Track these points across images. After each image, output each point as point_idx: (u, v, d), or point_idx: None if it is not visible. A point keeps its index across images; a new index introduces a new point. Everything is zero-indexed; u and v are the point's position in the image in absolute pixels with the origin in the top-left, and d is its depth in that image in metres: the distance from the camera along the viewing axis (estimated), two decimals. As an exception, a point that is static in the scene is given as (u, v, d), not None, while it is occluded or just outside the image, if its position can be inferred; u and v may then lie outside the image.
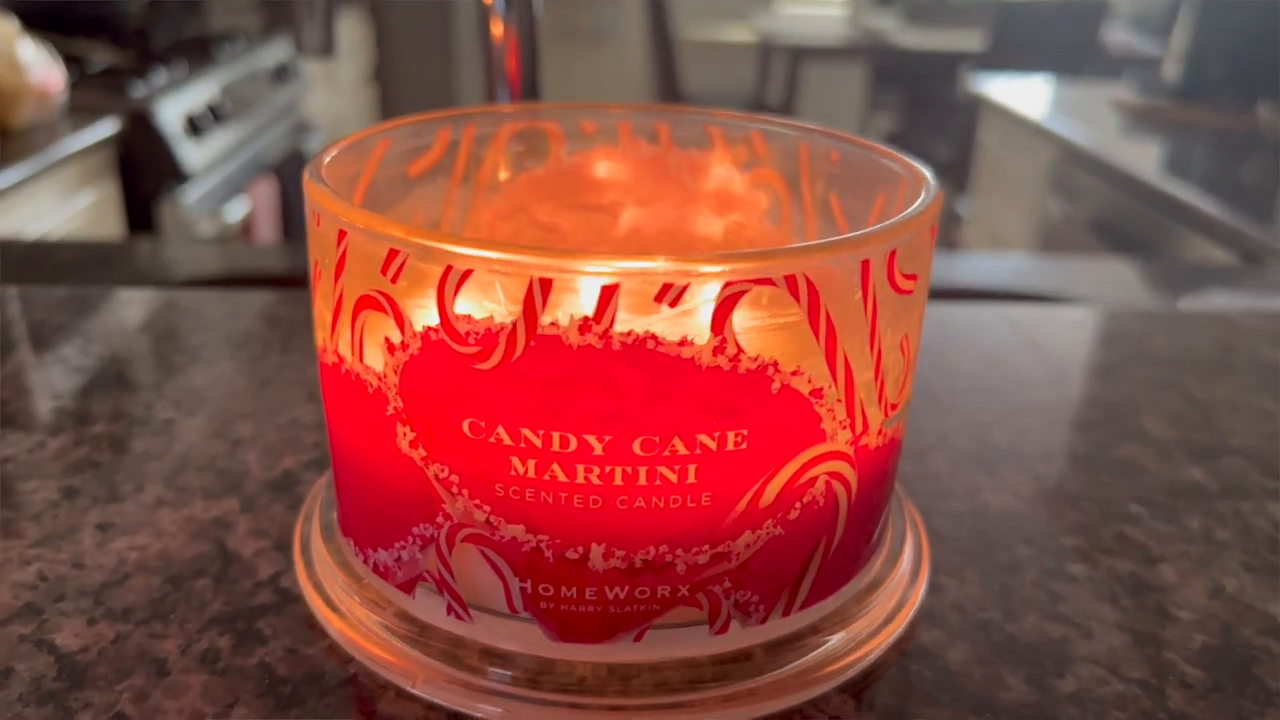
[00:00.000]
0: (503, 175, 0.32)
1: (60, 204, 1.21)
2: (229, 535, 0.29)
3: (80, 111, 1.29)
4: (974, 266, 0.81)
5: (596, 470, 0.21)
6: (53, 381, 0.37)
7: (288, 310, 0.44)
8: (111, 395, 0.36)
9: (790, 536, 0.23)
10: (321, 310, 0.24)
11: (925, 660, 0.26)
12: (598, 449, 0.21)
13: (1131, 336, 0.45)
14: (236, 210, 1.52)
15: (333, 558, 0.27)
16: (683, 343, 0.20)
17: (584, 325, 0.20)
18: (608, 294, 0.20)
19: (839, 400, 0.22)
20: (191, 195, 1.41)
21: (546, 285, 0.20)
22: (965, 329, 0.45)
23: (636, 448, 0.21)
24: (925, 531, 0.30)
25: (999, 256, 1.28)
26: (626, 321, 0.20)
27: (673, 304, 0.20)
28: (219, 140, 1.51)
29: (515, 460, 0.21)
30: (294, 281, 0.79)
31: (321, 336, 0.24)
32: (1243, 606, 0.28)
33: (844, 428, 0.23)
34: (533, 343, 0.20)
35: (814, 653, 0.24)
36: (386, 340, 0.22)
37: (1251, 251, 1.17)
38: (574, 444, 0.21)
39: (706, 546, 0.22)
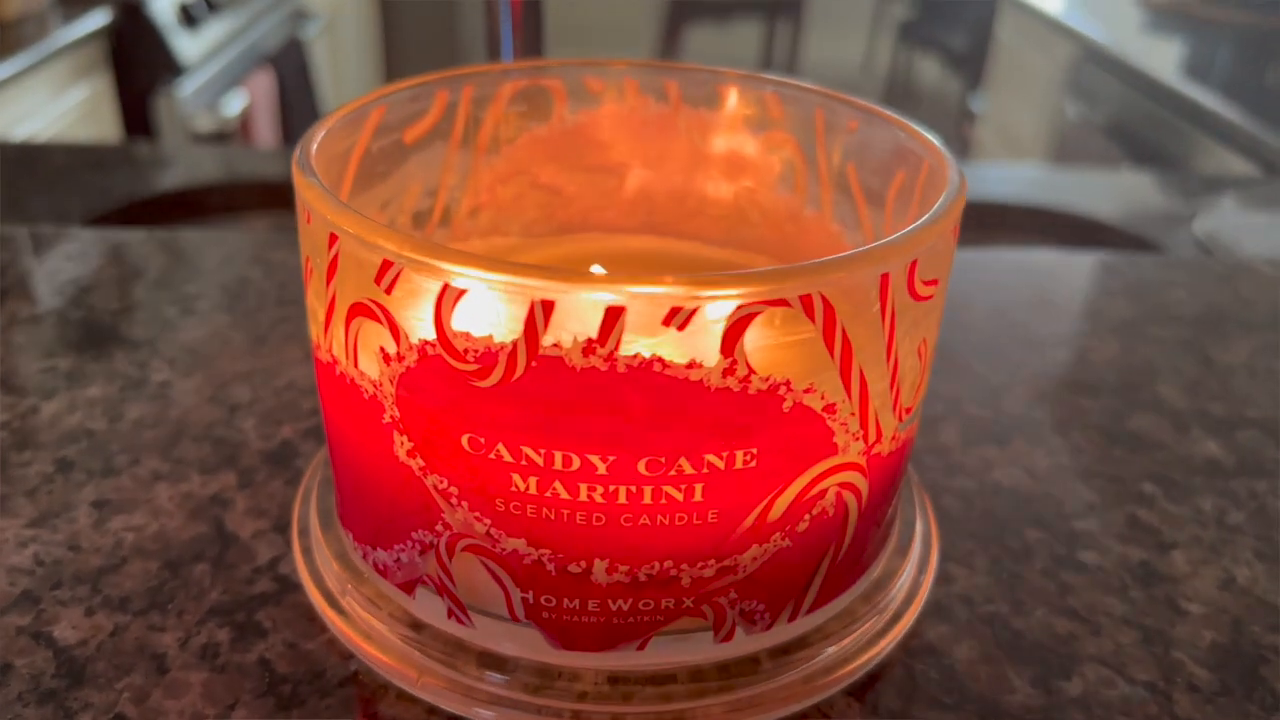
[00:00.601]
0: (504, 136, 0.31)
1: (52, 100, 1.18)
2: (227, 514, 0.28)
3: (70, 1, 1.25)
4: (987, 176, 0.79)
5: (600, 489, 0.21)
6: (45, 336, 0.36)
7: (281, 255, 0.42)
8: (105, 353, 0.35)
9: (798, 547, 0.23)
10: (315, 307, 0.23)
11: (931, 659, 0.25)
12: (601, 468, 0.20)
13: (1149, 289, 0.43)
14: (234, 104, 1.48)
15: (331, 549, 0.26)
16: (691, 365, 0.19)
17: (588, 347, 0.19)
18: (613, 317, 0.19)
19: (853, 413, 0.21)
20: (187, 89, 1.38)
21: (548, 307, 0.19)
22: (978, 277, 0.44)
23: (641, 468, 0.20)
24: (934, 514, 0.29)
25: (1012, 166, 1.25)
26: (632, 343, 0.19)
27: (681, 327, 0.19)
28: (214, 30, 1.46)
29: (516, 477, 0.21)
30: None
31: (315, 333, 0.23)
32: (1253, 599, 0.27)
33: (856, 439, 0.22)
34: (534, 363, 0.19)
35: (821, 657, 0.24)
36: (382, 350, 0.21)
37: (1272, 162, 1.14)
38: (577, 463, 0.20)
39: (712, 561, 0.22)
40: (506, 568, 0.22)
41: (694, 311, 0.19)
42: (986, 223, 0.79)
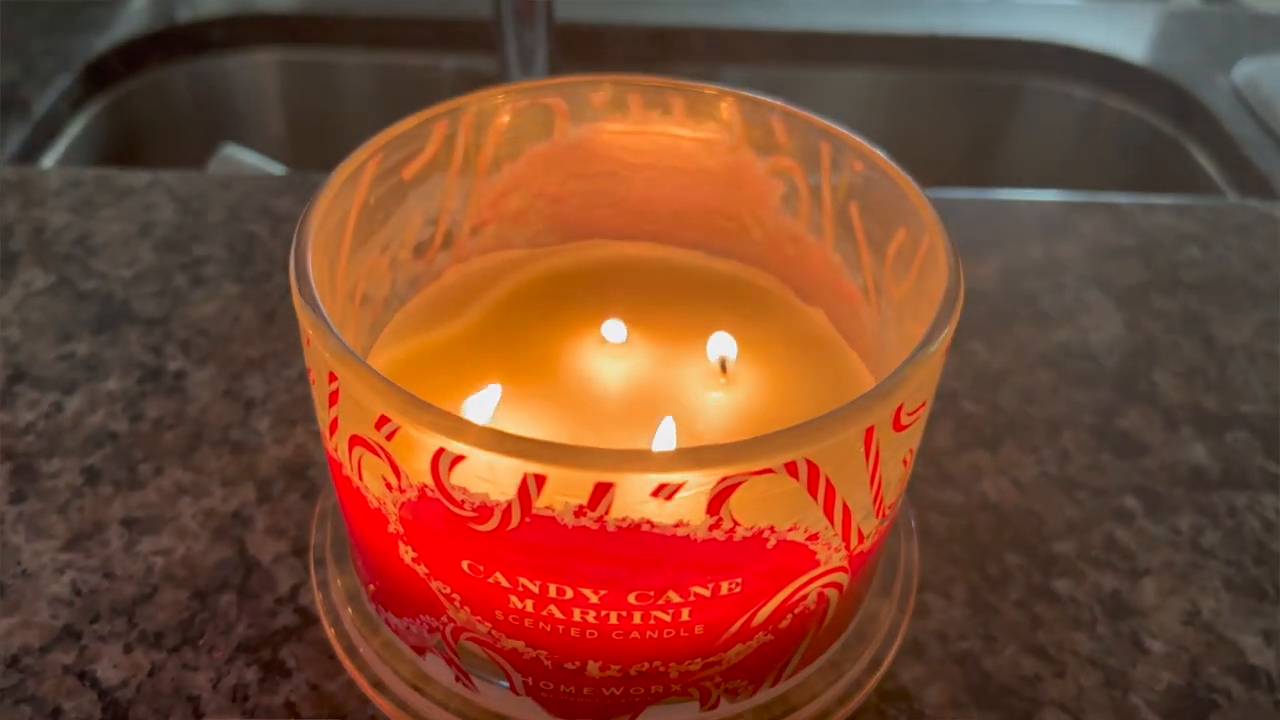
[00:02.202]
0: (504, 155, 0.30)
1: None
2: (248, 535, 0.30)
3: None
4: (1018, 5, 0.77)
5: (592, 613, 0.22)
6: (59, 313, 0.37)
7: (287, 204, 0.42)
8: (120, 334, 0.36)
9: (780, 640, 0.24)
10: (320, 410, 0.24)
11: (903, 703, 0.27)
12: (593, 598, 0.22)
13: (1162, 244, 0.43)
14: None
15: (346, 587, 0.28)
16: (678, 524, 0.20)
17: (579, 511, 0.20)
18: (602, 490, 0.20)
19: (835, 534, 0.22)
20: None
21: (540, 480, 0.20)
22: (994, 227, 0.43)
23: (631, 599, 0.22)
24: (918, 539, 0.31)
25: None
26: (622, 508, 0.20)
27: (668, 498, 0.20)
28: None
29: (514, 598, 0.22)
30: (305, 26, 0.75)
31: (322, 428, 0.24)
32: (1214, 636, 0.29)
33: (838, 551, 0.23)
34: (528, 519, 0.20)
35: (805, 714, 0.26)
36: (384, 478, 0.22)
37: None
38: (570, 593, 0.22)
39: (699, 659, 0.24)
40: (507, 659, 0.24)
41: (680, 486, 0.20)
42: (1016, 63, 0.77)
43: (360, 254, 0.27)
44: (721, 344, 0.29)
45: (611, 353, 0.30)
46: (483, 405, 0.26)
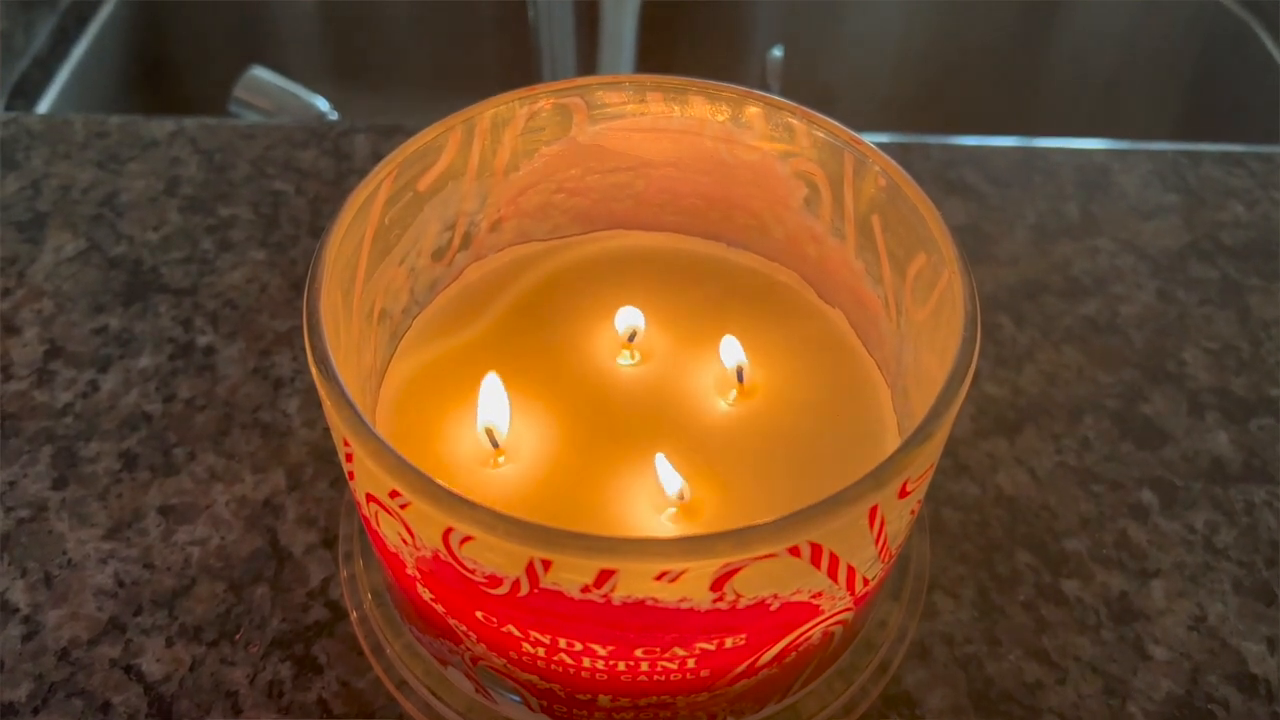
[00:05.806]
0: (522, 155, 0.29)
1: None
2: (280, 524, 0.31)
3: None
4: None
5: (601, 662, 0.23)
6: (90, 282, 0.37)
7: (311, 156, 0.42)
8: (150, 304, 0.37)
9: (785, 671, 0.25)
10: (339, 452, 0.24)
11: (905, 709, 0.28)
12: (602, 652, 0.23)
13: (1206, 201, 0.41)
14: None
15: (373, 588, 0.29)
16: (682, 600, 0.21)
17: (585, 588, 0.21)
18: (605, 575, 0.20)
19: (840, 589, 0.23)
20: None
21: (546, 563, 0.20)
22: (1029, 185, 0.42)
23: (638, 653, 0.23)
24: (931, 535, 0.31)
25: None
26: (626, 588, 0.21)
27: (671, 582, 0.20)
28: None
29: (526, 645, 0.23)
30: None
31: (342, 464, 0.25)
32: (1218, 643, 0.30)
33: (843, 599, 0.24)
34: (536, 591, 0.21)
35: (808, 724, 0.27)
36: (400, 535, 0.23)
37: None
38: (579, 646, 0.23)
39: (705, 693, 0.25)
40: (523, 686, 0.25)
41: (683, 572, 0.20)
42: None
43: (378, 271, 0.27)
44: (735, 351, 0.29)
45: (630, 354, 0.30)
46: (495, 407, 0.27)
